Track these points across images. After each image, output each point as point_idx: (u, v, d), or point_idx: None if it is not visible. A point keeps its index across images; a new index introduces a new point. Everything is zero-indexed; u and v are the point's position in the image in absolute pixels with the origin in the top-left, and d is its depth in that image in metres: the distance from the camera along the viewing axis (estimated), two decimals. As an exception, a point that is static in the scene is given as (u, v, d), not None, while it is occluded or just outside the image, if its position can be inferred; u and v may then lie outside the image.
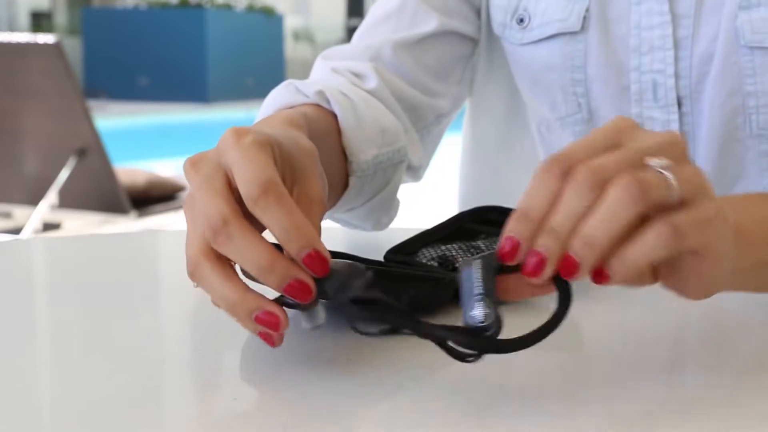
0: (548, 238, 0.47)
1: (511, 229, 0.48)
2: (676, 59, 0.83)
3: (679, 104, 0.84)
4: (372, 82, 0.84)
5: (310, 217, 0.50)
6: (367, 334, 0.51)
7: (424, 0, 0.91)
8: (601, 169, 0.48)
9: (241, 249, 0.48)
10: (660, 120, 0.84)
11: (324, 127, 0.72)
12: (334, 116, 0.73)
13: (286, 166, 0.52)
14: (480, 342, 0.47)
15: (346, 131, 0.73)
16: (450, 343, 0.47)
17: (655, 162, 0.48)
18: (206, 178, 0.50)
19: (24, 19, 18.82)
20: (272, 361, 0.55)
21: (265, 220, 0.49)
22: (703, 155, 0.85)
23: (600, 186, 0.47)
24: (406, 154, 0.81)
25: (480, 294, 0.47)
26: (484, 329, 0.46)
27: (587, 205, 0.47)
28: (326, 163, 0.62)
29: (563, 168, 0.48)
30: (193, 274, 0.50)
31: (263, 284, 0.49)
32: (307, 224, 0.48)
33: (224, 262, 0.50)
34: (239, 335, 0.62)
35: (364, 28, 0.92)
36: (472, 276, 0.48)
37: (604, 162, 0.48)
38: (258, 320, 0.49)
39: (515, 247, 0.48)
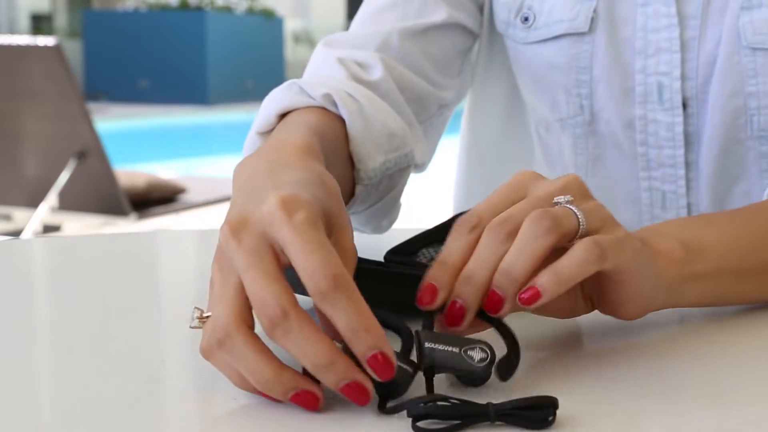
0: (465, 286, 0.50)
1: (431, 276, 0.51)
2: (683, 60, 0.83)
3: (685, 106, 0.84)
4: (377, 73, 0.81)
5: (346, 268, 0.47)
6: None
7: None
8: (509, 218, 0.51)
9: (300, 344, 0.46)
10: (664, 122, 0.84)
11: (332, 136, 0.70)
12: (341, 120, 0.71)
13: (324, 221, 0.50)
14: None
15: (355, 138, 0.71)
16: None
17: (561, 199, 0.52)
18: (255, 255, 0.47)
19: (24, 21, 18.83)
20: (272, 361, 0.55)
21: (333, 316, 0.46)
22: (704, 156, 0.85)
23: (511, 234, 0.50)
24: (413, 159, 0.80)
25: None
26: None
27: (501, 251, 0.50)
28: (332, 170, 0.59)
29: (473, 224, 0.53)
30: (222, 344, 0.47)
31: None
32: (376, 324, 0.46)
33: (256, 336, 0.47)
34: (239, 335, 0.62)
35: (367, 14, 0.90)
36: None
37: (512, 212, 0.52)
38: (294, 399, 0.47)
39: (434, 292, 0.51)
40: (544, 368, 0.53)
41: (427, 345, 0.49)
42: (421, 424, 0.45)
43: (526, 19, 0.88)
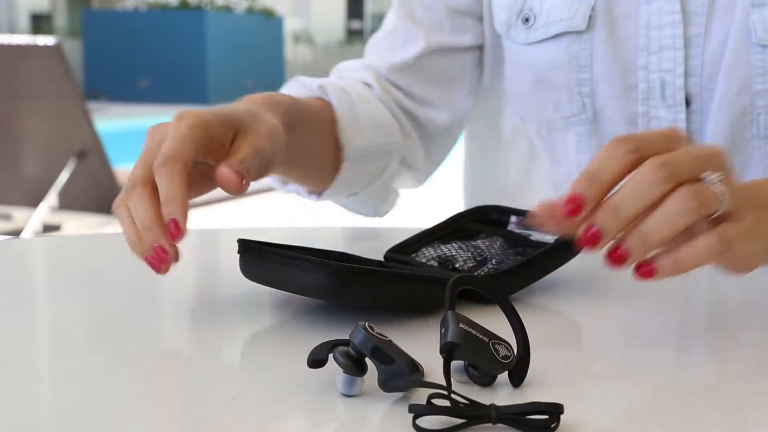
0: (610, 216, 0.52)
1: (578, 186, 0.52)
2: (687, 57, 0.82)
3: (688, 102, 0.83)
4: (376, 90, 0.91)
5: (238, 161, 0.61)
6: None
7: (413, 20, 0.94)
8: (669, 163, 0.52)
9: (136, 207, 0.60)
10: (667, 119, 0.84)
11: (321, 114, 0.81)
12: (332, 107, 0.82)
13: (228, 134, 0.63)
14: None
15: (340, 121, 0.82)
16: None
17: (712, 177, 0.53)
18: (146, 148, 0.63)
19: (24, 21, 18.84)
20: (272, 361, 0.55)
21: (157, 184, 0.59)
22: None
23: (668, 179, 0.52)
24: (398, 149, 0.88)
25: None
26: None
27: (655, 194, 0.52)
28: (322, 148, 0.80)
29: (631, 148, 0.53)
30: (128, 192, 0.61)
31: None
32: (183, 198, 0.58)
33: (153, 194, 0.60)
34: (239, 335, 0.62)
35: (372, 43, 0.97)
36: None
37: (672, 158, 0.52)
38: (154, 250, 0.59)
39: (580, 204, 0.52)
40: (550, 373, 0.53)
41: (461, 325, 0.48)
42: (421, 422, 0.45)
43: (527, 19, 0.89)
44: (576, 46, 0.86)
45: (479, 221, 0.76)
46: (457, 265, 0.69)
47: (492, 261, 0.69)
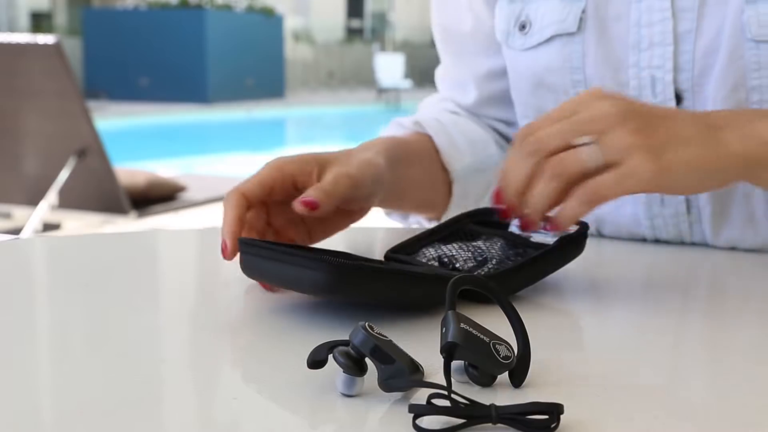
0: (509, 194, 0.67)
1: (496, 199, 0.68)
2: (678, 53, 0.83)
3: (679, 99, 0.84)
4: (462, 114, 1.02)
5: (323, 179, 0.72)
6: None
7: (463, 63, 1.02)
8: (536, 141, 0.65)
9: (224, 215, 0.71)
10: None
11: (423, 147, 0.92)
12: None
13: (309, 169, 0.73)
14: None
15: (441, 148, 0.92)
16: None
17: (581, 141, 0.64)
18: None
19: (24, 19, 18.84)
20: (272, 360, 0.55)
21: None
22: None
23: (533, 155, 0.65)
24: (498, 159, 0.97)
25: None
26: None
27: (527, 170, 0.65)
28: (431, 176, 0.92)
29: (531, 150, 0.66)
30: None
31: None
32: (230, 223, 0.69)
33: (241, 204, 0.71)
34: (239, 335, 0.62)
35: (439, 79, 1.07)
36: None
37: (540, 136, 0.65)
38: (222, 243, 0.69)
39: (504, 210, 0.68)
40: (550, 373, 0.53)
41: (462, 325, 0.49)
42: (421, 422, 0.45)
43: (523, 26, 0.90)
44: (568, 48, 0.87)
45: (480, 223, 0.76)
46: (457, 265, 0.69)
47: (492, 261, 0.69)
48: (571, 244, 0.69)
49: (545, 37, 0.88)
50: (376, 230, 0.93)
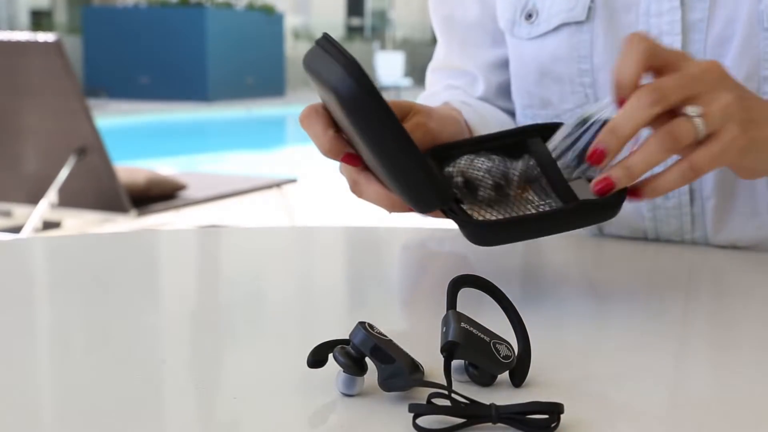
0: (609, 138, 0.64)
1: (599, 140, 0.65)
2: (688, 42, 0.83)
3: None
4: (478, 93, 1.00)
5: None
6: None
7: (484, 29, 0.98)
8: (658, 89, 0.65)
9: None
10: None
11: (459, 119, 0.86)
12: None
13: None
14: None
15: (474, 127, 0.88)
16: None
17: (690, 110, 0.65)
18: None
19: (24, 17, 18.83)
20: (272, 360, 0.55)
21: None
22: None
23: (654, 104, 0.64)
24: None
25: None
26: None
27: (644, 118, 0.64)
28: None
29: (655, 98, 0.65)
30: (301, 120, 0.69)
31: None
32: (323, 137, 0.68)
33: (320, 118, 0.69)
34: (239, 335, 0.62)
35: (436, 71, 1.05)
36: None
37: (661, 84, 0.65)
38: (344, 158, 0.67)
39: (600, 155, 0.64)
40: (550, 373, 0.53)
41: (462, 325, 0.49)
42: (421, 421, 0.45)
43: (530, 15, 0.90)
44: (576, 37, 0.87)
45: (546, 138, 0.71)
46: (480, 193, 0.67)
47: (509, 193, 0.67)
48: (582, 210, 0.66)
49: (553, 26, 0.88)
50: (376, 230, 0.92)
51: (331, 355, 0.49)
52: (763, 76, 0.80)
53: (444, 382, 0.46)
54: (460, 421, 0.44)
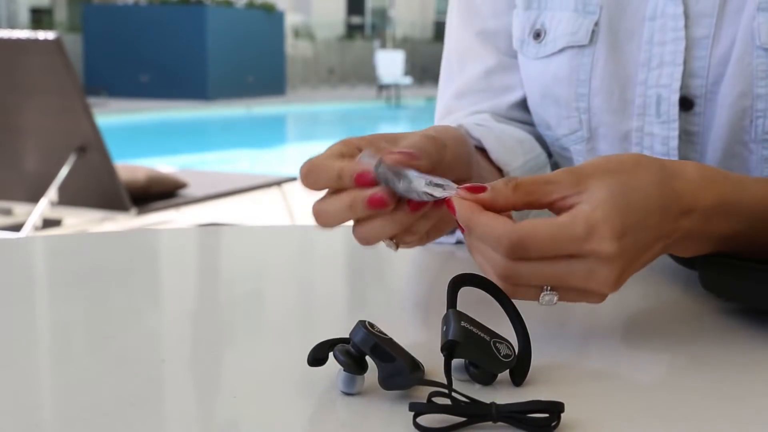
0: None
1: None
2: (691, 59, 0.82)
3: (692, 105, 0.83)
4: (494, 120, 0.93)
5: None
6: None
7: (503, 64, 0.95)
8: (513, 270, 0.56)
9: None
10: (660, 136, 0.84)
11: (467, 149, 0.77)
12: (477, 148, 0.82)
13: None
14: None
15: (492, 150, 0.83)
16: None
17: (546, 295, 0.57)
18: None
19: (24, 15, 18.83)
20: (272, 360, 0.55)
21: None
22: (708, 159, 0.85)
23: (504, 280, 0.56)
24: (549, 157, 0.93)
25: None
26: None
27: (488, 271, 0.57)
28: (483, 178, 0.75)
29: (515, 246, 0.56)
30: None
31: None
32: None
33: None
34: (239, 335, 0.62)
35: (454, 88, 0.98)
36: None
37: (527, 274, 0.56)
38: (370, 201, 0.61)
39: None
40: (550, 372, 0.53)
41: (462, 324, 0.49)
42: (421, 420, 0.44)
43: (538, 35, 0.90)
44: (577, 60, 0.87)
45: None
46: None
47: None
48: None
49: (558, 47, 0.88)
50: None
51: (331, 354, 0.49)
52: (755, 93, 0.80)
53: (444, 381, 0.46)
54: (460, 419, 0.44)
